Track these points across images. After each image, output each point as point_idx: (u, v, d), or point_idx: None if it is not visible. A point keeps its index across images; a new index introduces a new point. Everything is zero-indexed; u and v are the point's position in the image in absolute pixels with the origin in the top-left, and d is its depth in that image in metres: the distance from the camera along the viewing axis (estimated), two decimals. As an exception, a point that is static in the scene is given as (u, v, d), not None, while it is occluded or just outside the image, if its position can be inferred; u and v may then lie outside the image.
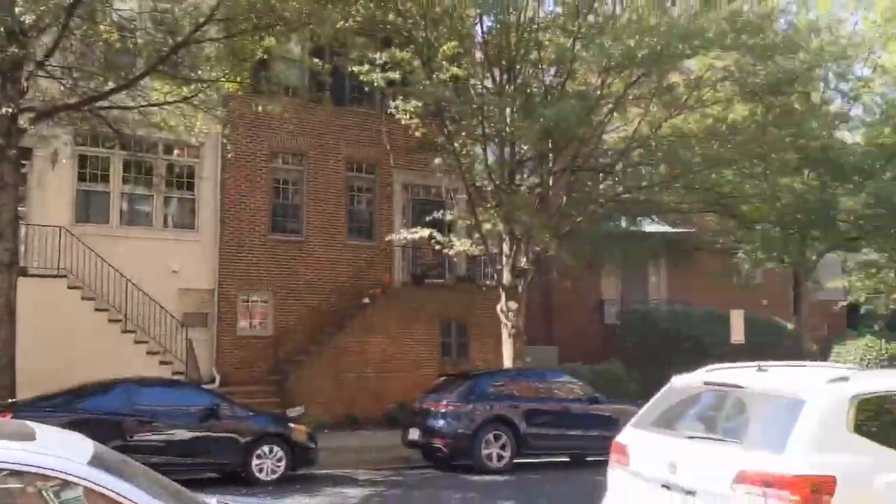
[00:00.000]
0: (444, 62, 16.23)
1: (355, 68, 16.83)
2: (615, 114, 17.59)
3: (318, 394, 17.73)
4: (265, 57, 15.40)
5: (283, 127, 18.86)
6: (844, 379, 5.90)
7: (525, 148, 17.28)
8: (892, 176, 19.45)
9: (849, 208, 19.25)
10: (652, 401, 7.00)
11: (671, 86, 17.62)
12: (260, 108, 15.64)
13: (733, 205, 21.34)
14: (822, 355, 24.06)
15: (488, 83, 17.15)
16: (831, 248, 22.35)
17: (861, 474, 5.37)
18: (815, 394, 5.67)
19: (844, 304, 28.88)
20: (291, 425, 12.63)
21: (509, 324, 16.91)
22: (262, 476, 11.86)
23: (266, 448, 11.97)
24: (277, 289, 19.40)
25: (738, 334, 19.36)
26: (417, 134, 17.44)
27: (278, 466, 12.00)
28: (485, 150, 17.14)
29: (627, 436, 6.71)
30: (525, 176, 18.31)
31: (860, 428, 5.63)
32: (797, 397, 5.70)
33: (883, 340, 24.45)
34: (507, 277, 17.05)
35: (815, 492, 5.18)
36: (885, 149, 19.75)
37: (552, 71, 17.17)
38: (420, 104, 16.75)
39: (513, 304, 16.90)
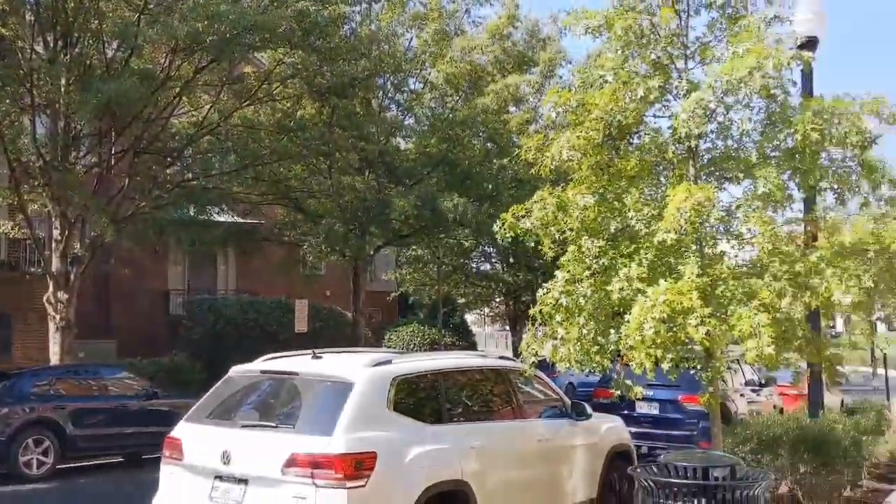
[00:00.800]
0: (-16, 18, 14.09)
1: None
2: (184, 98, 17.01)
3: None
4: None
5: None
6: (388, 362, 6.45)
7: (82, 123, 15.79)
8: (437, 181, 21.90)
9: (401, 208, 21.18)
10: (209, 393, 6.90)
11: (241, 76, 17.65)
12: None
13: (300, 199, 22.18)
14: (377, 341, 26.28)
15: (40, 48, 15.30)
16: (386, 243, 24.42)
17: (398, 447, 5.92)
18: (360, 376, 6.09)
19: (396, 294, 31.85)
20: None
21: (58, 316, 15.33)
22: None
23: None
24: None
25: (301, 323, 20.15)
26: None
27: None
28: (33, 121, 15.27)
29: (182, 430, 6.53)
30: (82, 154, 16.76)
31: (399, 405, 6.20)
32: (345, 380, 6.07)
33: (426, 327, 27.53)
34: (56, 264, 15.42)
35: (357, 468, 5.55)
36: (431, 157, 22.15)
37: (115, 45, 15.95)
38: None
39: (63, 295, 15.34)
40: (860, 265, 6.22)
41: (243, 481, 5.83)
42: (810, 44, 8.96)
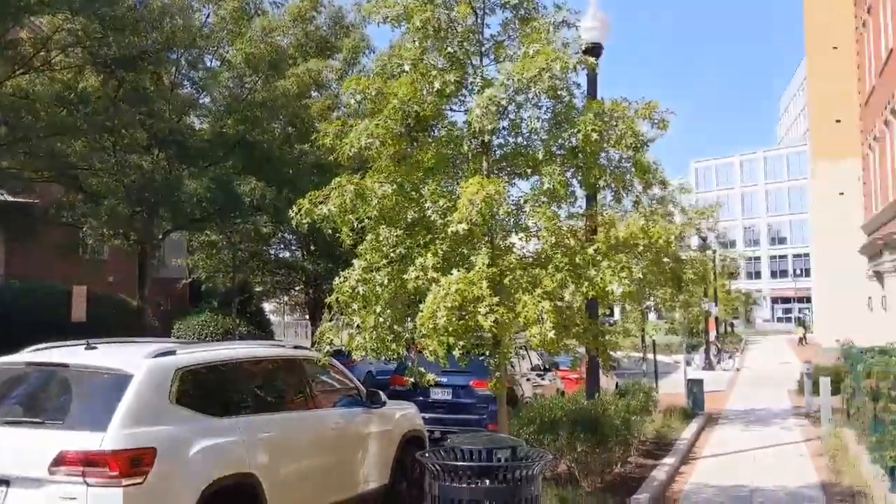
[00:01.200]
0: None
1: None
2: (-56, 60, 15.20)
3: None
4: None
5: None
6: (170, 353, 6.14)
7: None
8: (233, 164, 21.09)
9: (192, 191, 20.17)
10: (-35, 387, 6.22)
11: (15, 41, 16.03)
12: None
13: (81, 177, 20.51)
14: (165, 331, 24.99)
15: None
16: (176, 227, 23.19)
17: (180, 442, 5.65)
18: (140, 368, 5.75)
19: (187, 281, 30.40)
20: None
21: None
22: None
23: None
24: None
25: (79, 311, 18.74)
26: None
27: None
28: None
29: (-72, 430, 5.84)
30: None
31: (182, 398, 5.91)
32: (123, 372, 5.72)
33: (220, 316, 26.55)
34: None
35: (134, 465, 5.25)
36: (228, 138, 21.28)
37: None
38: None
39: None
40: (632, 258, 6.71)
41: (4, 482, 5.35)
42: (594, 50, 9.57)
